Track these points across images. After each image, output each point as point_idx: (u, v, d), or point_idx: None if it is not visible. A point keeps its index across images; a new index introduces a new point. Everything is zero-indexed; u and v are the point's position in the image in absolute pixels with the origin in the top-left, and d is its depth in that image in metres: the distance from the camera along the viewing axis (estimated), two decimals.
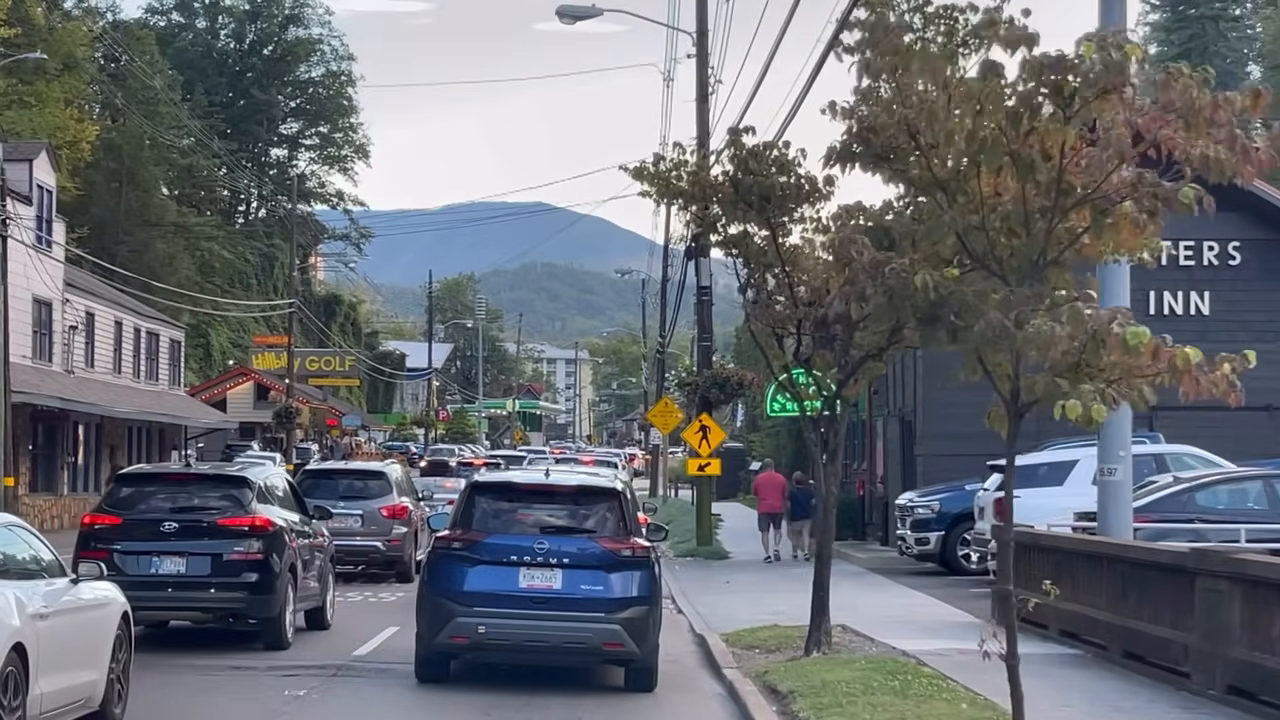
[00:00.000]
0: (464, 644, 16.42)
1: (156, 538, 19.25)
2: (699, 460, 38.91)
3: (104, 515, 19.79)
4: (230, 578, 19.19)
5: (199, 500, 19.91)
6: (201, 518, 19.53)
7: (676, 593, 30.22)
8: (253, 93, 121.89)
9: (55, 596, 12.63)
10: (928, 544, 31.96)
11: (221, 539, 19.30)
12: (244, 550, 19.25)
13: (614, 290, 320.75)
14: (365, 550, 29.82)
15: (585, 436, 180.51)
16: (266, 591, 19.30)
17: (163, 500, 19.92)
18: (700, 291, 39.03)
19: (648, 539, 17.56)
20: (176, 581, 19.14)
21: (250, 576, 19.21)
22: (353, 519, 29.44)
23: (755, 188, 17.83)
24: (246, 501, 19.64)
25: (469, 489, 17.56)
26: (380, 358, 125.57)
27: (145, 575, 18.90)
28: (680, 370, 39.87)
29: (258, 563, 19.27)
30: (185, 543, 19.25)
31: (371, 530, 29.81)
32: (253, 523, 19.40)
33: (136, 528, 19.37)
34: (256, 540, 19.32)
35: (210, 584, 19.20)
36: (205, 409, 68.27)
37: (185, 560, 19.16)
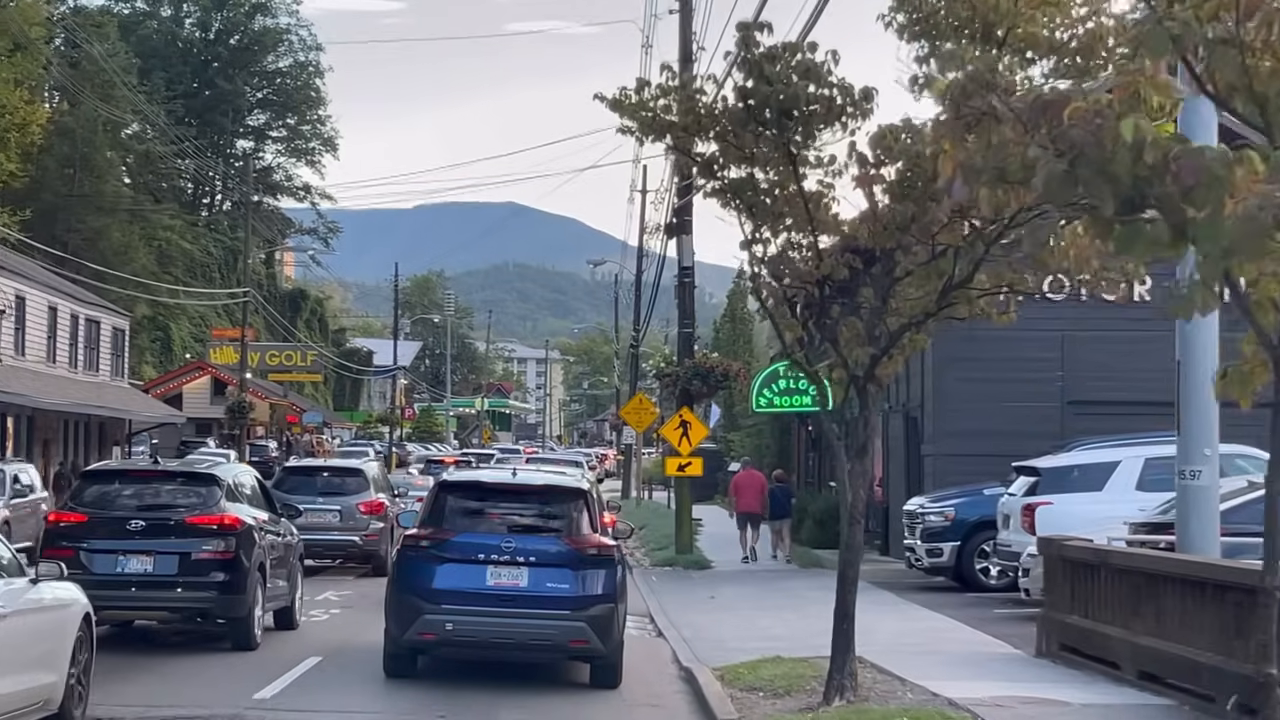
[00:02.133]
0: (431, 640, 16.54)
1: (123, 536, 18.77)
2: (679, 459, 34.62)
3: (70, 513, 19.32)
4: (198, 577, 18.71)
5: (167, 498, 19.48)
6: (169, 516, 19.07)
7: (655, 610, 25.93)
8: (218, 83, 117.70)
9: (13, 597, 12.25)
10: (940, 556, 27.71)
11: (190, 537, 18.82)
12: (213, 549, 18.78)
13: (585, 291, 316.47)
14: (343, 545, 29.99)
15: (555, 436, 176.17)
16: (235, 591, 18.84)
17: (130, 498, 19.50)
18: (682, 272, 34.76)
19: (613, 538, 17.65)
20: (143, 580, 18.66)
21: (219, 576, 18.74)
22: (331, 514, 29.73)
23: (773, 100, 13.48)
24: (215, 500, 19.20)
25: (437, 488, 17.68)
26: (347, 354, 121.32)
27: (112, 574, 18.46)
28: (658, 361, 35.65)
29: (226, 562, 18.80)
30: (153, 541, 18.78)
31: (349, 525, 29.97)
32: (221, 521, 18.95)
33: (103, 526, 18.89)
34: (225, 539, 18.86)
35: (178, 583, 18.71)
36: (150, 402, 63.76)
37: (153, 559, 18.69)
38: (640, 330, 64.38)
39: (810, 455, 46.13)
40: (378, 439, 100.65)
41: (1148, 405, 30.22)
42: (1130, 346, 30.89)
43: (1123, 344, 30.90)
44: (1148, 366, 30.77)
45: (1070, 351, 30.84)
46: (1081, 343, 30.92)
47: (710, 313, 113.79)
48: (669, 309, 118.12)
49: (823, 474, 44.02)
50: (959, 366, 30.28)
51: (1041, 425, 29.78)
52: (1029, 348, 30.48)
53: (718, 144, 15.99)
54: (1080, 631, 17.69)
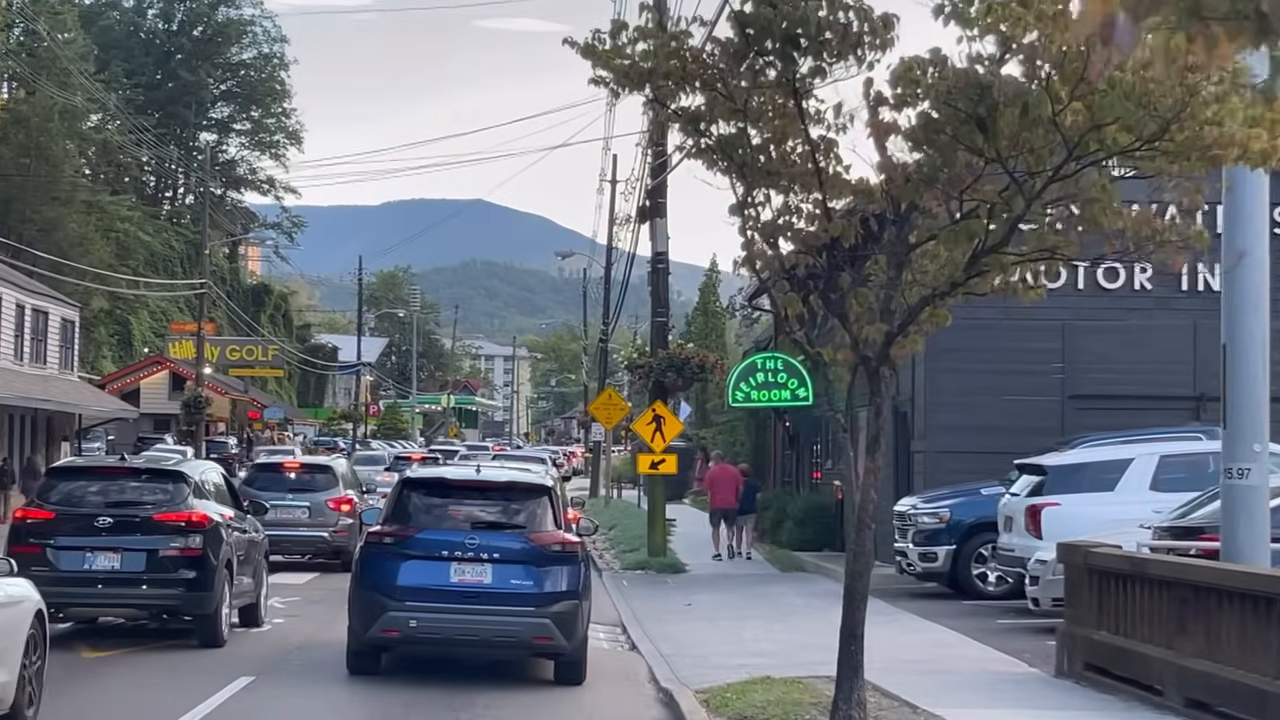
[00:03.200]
0: (395, 637, 16.40)
1: (90, 533, 18.59)
2: (651, 456, 32.40)
3: (36, 510, 19.10)
4: (166, 574, 18.52)
5: (134, 495, 19.22)
6: (137, 513, 18.84)
7: (628, 618, 23.77)
8: (180, 74, 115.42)
9: None
10: (934, 560, 25.57)
11: (157, 534, 18.63)
12: (180, 546, 18.60)
13: (553, 289, 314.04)
14: (312, 540, 30.03)
15: (523, 434, 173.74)
16: (203, 588, 18.63)
17: (97, 495, 19.16)
18: (655, 258, 32.54)
19: (578, 534, 17.50)
20: (110, 578, 18.49)
21: (187, 573, 18.56)
22: (300, 510, 29.88)
23: (777, 26, 11.28)
24: (183, 496, 19.00)
25: (400, 484, 17.53)
26: (312, 350, 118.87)
27: (78, 571, 18.39)
28: (629, 353, 33.35)
29: (194, 559, 18.62)
30: (120, 538, 18.60)
31: (318, 521, 30.09)
32: (189, 518, 18.76)
33: (70, 522, 18.69)
34: (193, 536, 18.67)
35: (145, 580, 18.52)
36: (102, 396, 61.28)
37: (120, 556, 18.53)
38: (610, 324, 62.10)
39: (788, 453, 43.96)
40: (341, 435, 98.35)
41: (1155, 400, 28.27)
42: (1135, 337, 28.88)
43: (1126, 334, 28.87)
44: (1154, 359, 28.83)
45: (1072, 342, 28.75)
46: (1084, 333, 28.83)
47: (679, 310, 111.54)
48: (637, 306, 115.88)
49: (801, 472, 41.87)
50: (952, 357, 28.14)
51: (1041, 420, 27.66)
52: (1028, 338, 28.38)
53: (705, 95, 13.84)
54: (1111, 650, 15.56)
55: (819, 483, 39.11)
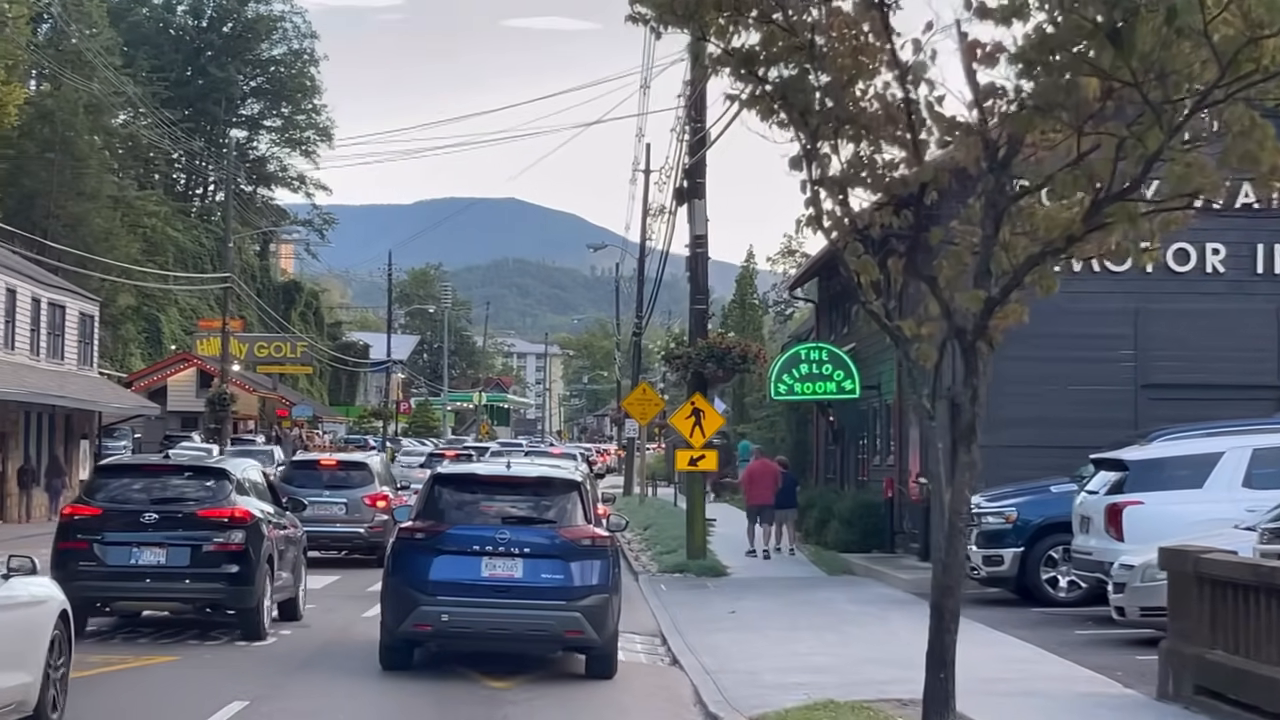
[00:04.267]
0: (427, 631, 16.40)
1: (136, 529, 18.89)
2: (690, 452, 30.24)
3: (84, 506, 19.38)
4: (210, 568, 18.79)
5: (178, 491, 19.51)
6: (181, 509, 19.17)
7: (667, 627, 21.65)
8: (210, 71, 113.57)
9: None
10: (1000, 564, 23.36)
11: (201, 530, 18.95)
12: (223, 541, 18.86)
13: (585, 287, 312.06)
14: (348, 536, 30.23)
15: (555, 432, 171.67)
16: (245, 583, 18.90)
17: (142, 492, 19.45)
18: (694, 241, 30.36)
19: (608, 529, 17.42)
20: (156, 572, 18.78)
21: (230, 568, 18.82)
22: (337, 507, 29.98)
23: None
24: (226, 493, 19.28)
25: (432, 481, 17.50)
26: (343, 348, 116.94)
27: (125, 566, 18.73)
28: (666, 342, 31.12)
29: (237, 554, 18.88)
30: (165, 534, 18.89)
31: (355, 518, 30.21)
32: (232, 514, 19.04)
33: (117, 519, 19.00)
34: (236, 531, 18.92)
35: (189, 574, 18.82)
36: (122, 393, 59.31)
37: (165, 551, 18.81)
38: (643, 317, 59.91)
39: (831, 448, 41.73)
40: (372, 433, 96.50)
41: (1235, 389, 26.12)
42: (1212, 323, 26.68)
43: (1203, 319, 26.66)
44: (1233, 345, 26.67)
45: (1144, 328, 26.53)
46: (1157, 318, 26.63)
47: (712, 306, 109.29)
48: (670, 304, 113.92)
49: (846, 469, 39.64)
50: (1015, 345, 25.70)
51: (1112, 412, 25.45)
52: (1097, 323, 26.17)
53: (761, 30, 11.78)
54: (1229, 672, 13.38)
55: (866, 480, 36.91)
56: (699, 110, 30.08)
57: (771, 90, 11.98)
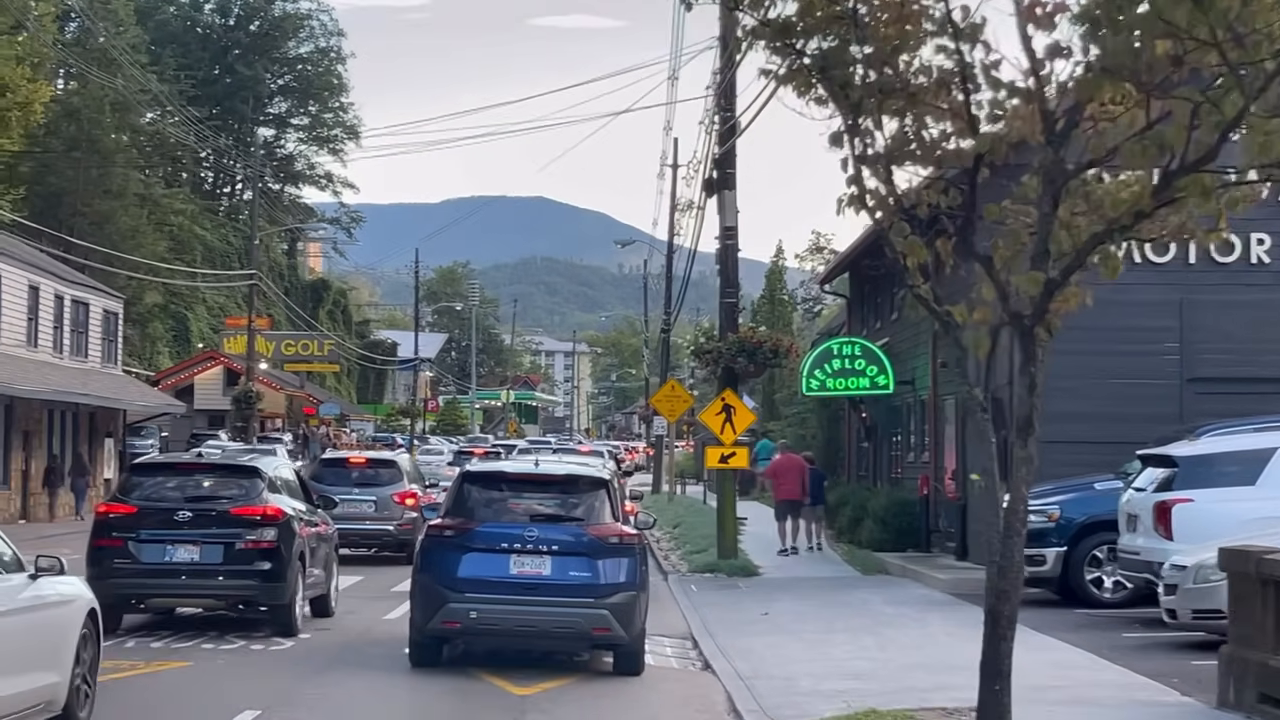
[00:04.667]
0: (456, 628, 16.47)
1: (171, 526, 19.09)
2: (721, 449, 29.46)
3: (119, 504, 19.57)
4: (243, 565, 18.96)
5: (212, 490, 19.74)
6: (214, 507, 19.38)
7: (698, 630, 20.87)
8: (238, 69, 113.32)
9: (10, 594, 11.73)
10: (1043, 564, 22.49)
11: (234, 527, 19.11)
12: (256, 538, 19.02)
13: (613, 285, 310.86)
14: (378, 534, 30.33)
15: (584, 429, 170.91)
16: (278, 579, 19.05)
17: (176, 490, 19.67)
18: (724, 233, 29.57)
19: (635, 527, 17.44)
20: (190, 569, 18.97)
21: (262, 565, 18.98)
22: (366, 504, 30.09)
23: None
24: (258, 491, 19.45)
25: (460, 478, 17.58)
26: (371, 346, 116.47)
27: (160, 563, 18.93)
28: (696, 336, 30.35)
29: (269, 551, 19.03)
30: (199, 531, 19.08)
31: (384, 515, 30.32)
32: (265, 512, 19.21)
33: (151, 516, 19.19)
34: (268, 529, 19.08)
35: (223, 571, 19.00)
36: (147, 391, 58.70)
37: (199, 548, 19.00)
38: (672, 313, 59.06)
39: (864, 445, 40.88)
40: (399, 431, 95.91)
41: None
42: (1260, 314, 25.77)
43: (1250, 311, 25.77)
44: (1278, 337, 25.77)
45: (1189, 320, 25.63)
46: (1202, 310, 25.74)
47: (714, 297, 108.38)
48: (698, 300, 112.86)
49: (879, 466, 38.80)
50: (1059, 335, 25.06)
51: (1157, 406, 24.58)
52: (1140, 315, 25.27)
53: None
54: None
55: (899, 478, 36.07)
56: (729, 98, 29.29)
57: (810, 63, 11.21)
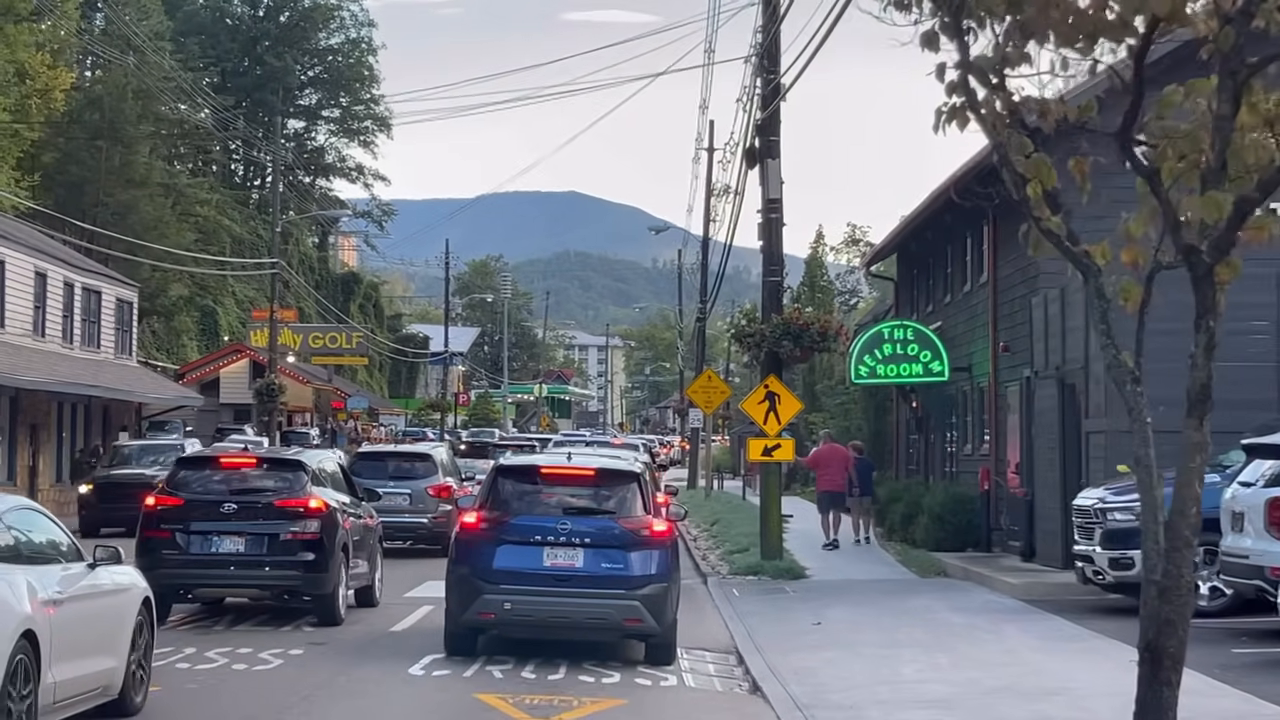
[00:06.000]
0: (490, 619, 16.59)
1: (217, 518, 19.40)
2: (765, 441, 26.87)
3: (167, 497, 19.79)
4: (287, 556, 19.23)
5: (257, 483, 19.99)
6: (259, 499, 19.68)
7: (744, 644, 18.34)
8: (267, 60, 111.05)
9: (70, 582, 11.99)
10: (1130, 568, 19.85)
11: (279, 519, 19.40)
12: (299, 530, 19.28)
13: (647, 279, 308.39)
14: (413, 527, 30.42)
15: (617, 424, 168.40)
16: (321, 570, 19.31)
17: (222, 483, 19.96)
18: (768, 206, 26.94)
19: (667, 519, 17.61)
20: (237, 560, 19.26)
21: (306, 555, 19.25)
22: (401, 497, 30.19)
23: None
24: (302, 484, 19.68)
25: (495, 472, 17.83)
26: (403, 340, 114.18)
27: (207, 554, 19.24)
28: (738, 319, 27.91)
29: (313, 542, 19.30)
30: (244, 523, 19.38)
31: (419, 508, 30.45)
32: (308, 504, 19.46)
33: (198, 509, 19.52)
34: (311, 521, 19.34)
35: (267, 562, 19.27)
36: (163, 383, 56.38)
37: (244, 540, 19.30)
38: (709, 300, 56.48)
39: (914, 437, 38.19)
40: (430, 426, 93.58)
41: None
42: None
43: None
44: None
45: None
46: None
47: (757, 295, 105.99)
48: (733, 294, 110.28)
49: (931, 459, 36.10)
50: (1132, 316, 22.42)
51: (1254, 391, 21.81)
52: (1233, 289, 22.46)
53: None
54: None
55: (953, 472, 33.40)
56: (772, 58, 26.69)
57: None
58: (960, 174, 28.95)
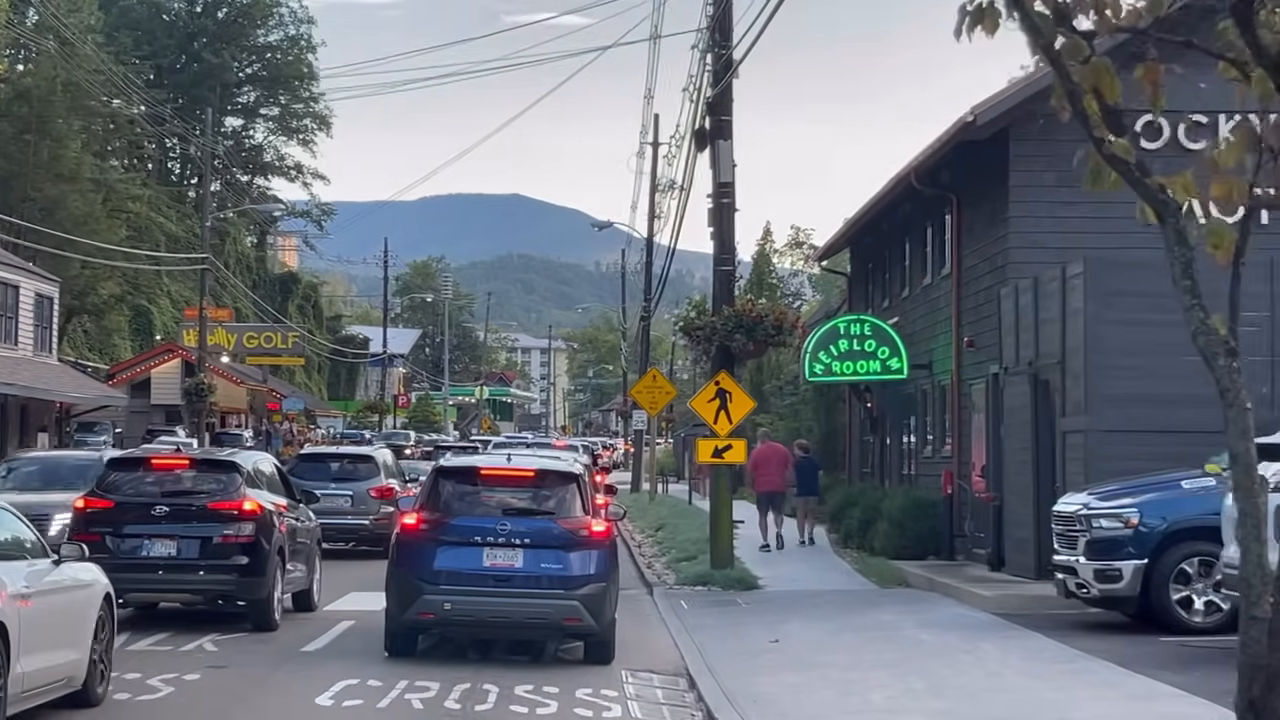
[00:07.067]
0: (431, 619, 16.59)
1: (148, 521, 18.91)
2: (715, 441, 24.97)
3: (97, 499, 19.23)
4: (220, 560, 18.72)
5: (190, 484, 19.54)
6: (192, 502, 19.22)
7: (695, 664, 16.46)
8: (204, 57, 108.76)
9: (38, 577, 12.37)
10: (1118, 580, 18.02)
11: (212, 522, 18.92)
12: (234, 533, 18.82)
13: (590, 282, 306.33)
14: (355, 528, 30.11)
15: (560, 427, 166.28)
16: (256, 574, 18.79)
17: (154, 485, 19.48)
18: (719, 191, 25.02)
19: (606, 519, 17.58)
20: (168, 564, 18.73)
21: (240, 559, 18.73)
22: (343, 499, 29.84)
23: None
24: (236, 486, 19.25)
25: (435, 473, 17.81)
26: (343, 341, 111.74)
27: (137, 558, 18.66)
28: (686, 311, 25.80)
29: (247, 545, 18.80)
30: (176, 526, 18.90)
31: (360, 510, 30.14)
32: (242, 506, 18.98)
33: (128, 511, 19.01)
34: (246, 524, 18.89)
35: (200, 566, 18.76)
36: (85, 382, 54.02)
37: (176, 543, 18.84)
38: (653, 298, 54.51)
39: (868, 439, 36.33)
40: (369, 428, 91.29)
41: None
42: None
43: None
44: None
45: None
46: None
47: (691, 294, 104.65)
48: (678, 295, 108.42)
49: (887, 462, 34.25)
50: (1121, 304, 20.62)
51: None
52: (1222, 276, 20.72)
53: None
54: None
55: (912, 475, 31.57)
56: (724, 31, 24.80)
57: None
58: (922, 159, 27.15)
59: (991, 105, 24.16)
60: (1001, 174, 24.64)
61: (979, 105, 24.18)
